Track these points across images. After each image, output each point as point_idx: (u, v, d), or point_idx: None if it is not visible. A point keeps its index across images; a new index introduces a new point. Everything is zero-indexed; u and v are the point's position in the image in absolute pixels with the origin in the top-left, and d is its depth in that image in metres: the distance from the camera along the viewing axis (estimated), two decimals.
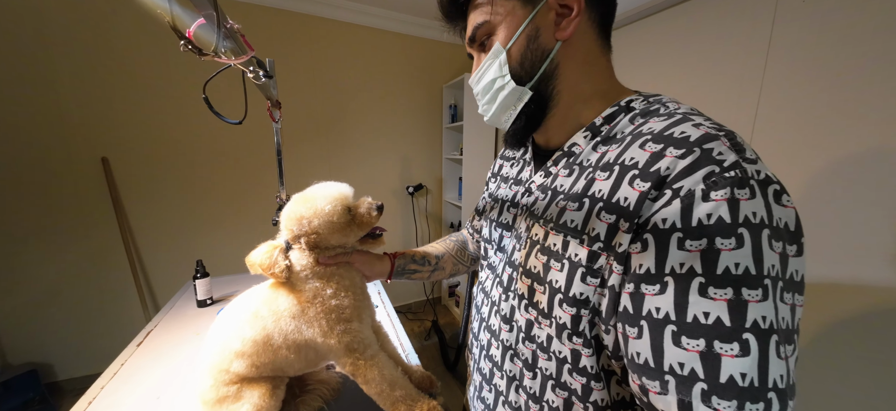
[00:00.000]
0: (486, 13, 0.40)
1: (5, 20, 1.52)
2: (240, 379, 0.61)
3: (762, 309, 0.26)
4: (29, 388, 1.70)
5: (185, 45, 0.41)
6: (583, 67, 0.40)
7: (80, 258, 1.80)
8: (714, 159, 0.28)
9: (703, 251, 0.27)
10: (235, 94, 1.13)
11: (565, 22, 0.38)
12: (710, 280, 0.27)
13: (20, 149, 1.63)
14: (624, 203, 0.32)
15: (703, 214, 0.27)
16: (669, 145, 0.31)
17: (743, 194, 0.26)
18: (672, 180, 0.29)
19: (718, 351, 0.26)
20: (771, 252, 0.26)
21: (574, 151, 0.41)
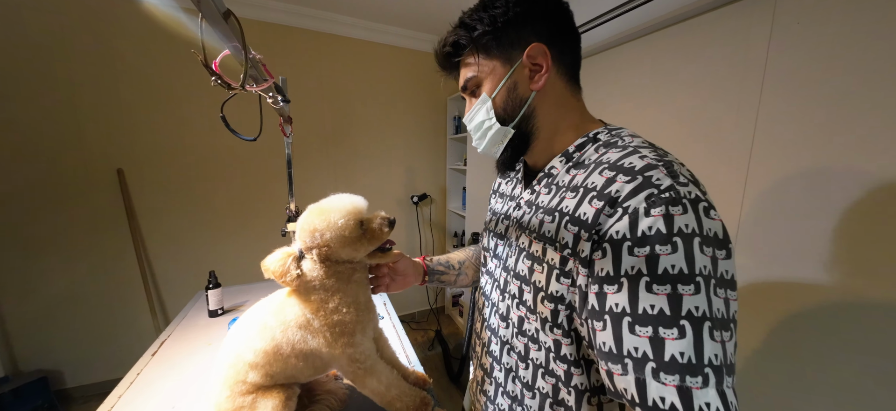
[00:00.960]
0: (474, 69, 0.50)
1: (29, 41, 1.59)
2: (255, 388, 0.64)
3: (695, 301, 0.32)
4: (38, 395, 1.73)
5: (215, 80, 0.44)
6: (556, 108, 0.50)
7: (92, 267, 1.84)
8: (653, 184, 0.35)
9: (647, 256, 0.33)
10: (248, 108, 1.18)
11: (537, 76, 0.47)
12: (654, 279, 0.33)
13: (40, 161, 1.69)
14: (584, 217, 0.40)
15: (645, 227, 0.34)
16: (620, 173, 0.38)
17: (676, 210, 0.33)
18: (621, 201, 0.36)
19: (662, 336, 0.32)
20: (702, 255, 0.32)
21: (552, 173, 0.50)
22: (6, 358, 1.73)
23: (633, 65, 1.48)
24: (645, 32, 1.40)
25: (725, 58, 1.16)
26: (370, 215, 0.64)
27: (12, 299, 1.72)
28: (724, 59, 1.17)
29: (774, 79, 1.04)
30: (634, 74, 1.48)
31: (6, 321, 1.72)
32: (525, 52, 0.46)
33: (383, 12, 2.12)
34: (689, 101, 1.28)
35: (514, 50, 0.47)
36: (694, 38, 1.25)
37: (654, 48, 1.40)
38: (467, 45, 0.50)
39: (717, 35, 1.18)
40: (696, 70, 1.25)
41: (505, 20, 0.46)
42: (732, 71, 1.14)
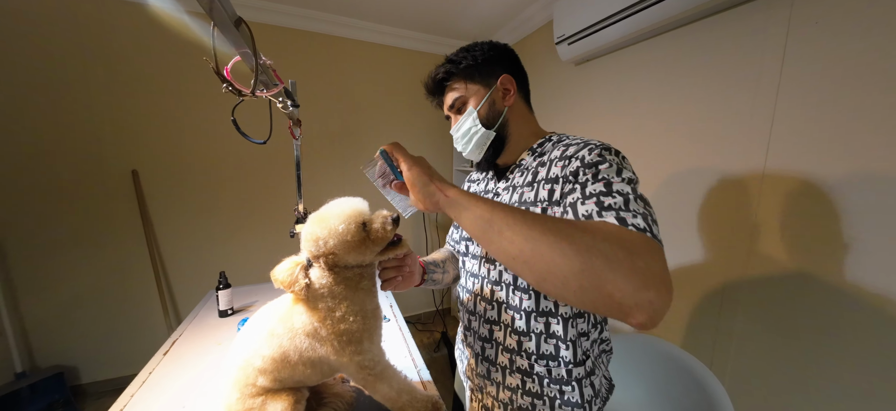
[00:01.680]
0: (461, 92, 0.68)
1: (49, 45, 1.64)
2: (264, 390, 0.64)
3: (623, 186, 0.48)
4: (55, 391, 1.77)
5: (227, 87, 0.45)
6: (520, 120, 0.70)
7: (107, 266, 1.88)
8: (592, 143, 0.56)
9: (593, 171, 0.51)
10: (259, 111, 1.20)
11: (508, 97, 0.68)
12: (595, 178, 0.50)
13: (58, 164, 1.73)
14: (552, 175, 0.58)
15: (590, 159, 0.53)
16: (571, 145, 0.59)
17: (607, 152, 0.53)
18: (573, 155, 0.56)
19: (603, 201, 0.47)
20: (626, 172, 0.51)
21: (521, 164, 0.69)
22: (24, 354, 1.78)
23: (643, 67, 1.46)
24: (655, 33, 1.38)
25: (739, 59, 1.13)
26: (372, 216, 0.62)
27: (31, 297, 1.77)
28: (737, 60, 1.14)
29: (791, 81, 1.01)
30: (644, 77, 1.46)
31: (25, 318, 1.77)
32: (499, 79, 0.67)
33: (391, 15, 2.13)
34: (700, 104, 1.25)
35: (491, 78, 0.67)
36: (706, 39, 1.23)
37: (664, 50, 1.37)
38: (456, 73, 0.68)
39: (730, 36, 1.16)
40: (708, 72, 1.22)
41: (483, 58, 0.67)
42: (747, 73, 1.11)
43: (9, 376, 1.71)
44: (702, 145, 1.25)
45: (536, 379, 0.62)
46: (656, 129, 1.42)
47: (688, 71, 1.29)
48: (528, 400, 0.64)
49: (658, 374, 0.94)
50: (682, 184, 1.33)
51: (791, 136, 1.02)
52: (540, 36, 2.08)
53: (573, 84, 1.86)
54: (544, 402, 0.62)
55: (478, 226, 0.46)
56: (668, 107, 1.37)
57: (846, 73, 0.91)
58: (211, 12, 0.37)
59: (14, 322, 1.72)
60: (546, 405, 0.62)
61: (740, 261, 1.15)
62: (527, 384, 0.64)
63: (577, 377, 0.60)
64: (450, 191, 0.51)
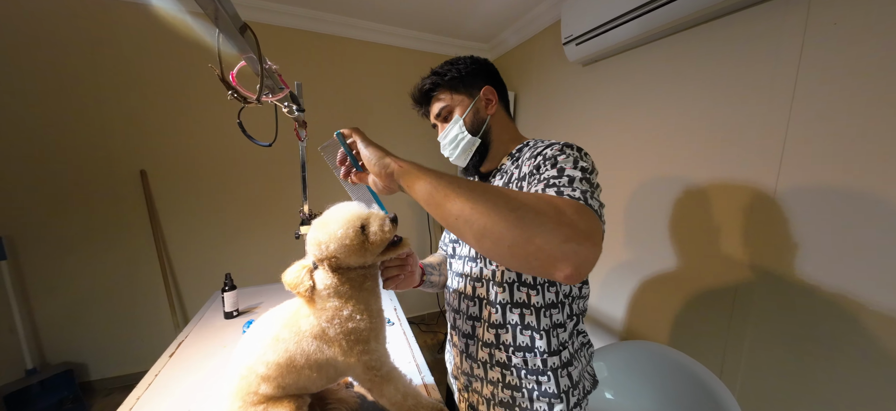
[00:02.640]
0: (447, 102, 0.74)
1: (60, 50, 1.66)
2: (266, 398, 0.64)
3: (574, 173, 0.53)
4: (64, 387, 1.80)
5: (232, 94, 0.44)
6: (502, 127, 0.75)
7: (116, 265, 1.91)
8: (555, 142, 0.62)
9: (552, 162, 0.57)
10: (265, 112, 1.19)
11: (489, 106, 0.73)
12: (551, 168, 0.56)
13: (69, 164, 1.76)
14: (523, 173, 0.63)
15: (550, 153, 0.58)
16: (541, 144, 0.65)
17: (567, 148, 0.58)
18: (540, 151, 0.61)
19: (554, 184, 0.52)
20: (582, 163, 0.55)
21: (502, 168, 0.73)
22: (35, 352, 1.80)
23: (653, 68, 1.44)
24: (666, 34, 1.36)
25: (753, 61, 1.11)
26: (371, 219, 0.63)
27: (41, 295, 1.80)
28: (751, 62, 1.11)
29: (808, 84, 0.98)
30: (653, 78, 1.43)
31: (35, 315, 1.80)
32: (481, 90, 0.73)
33: (397, 16, 2.12)
34: (712, 106, 1.23)
35: (474, 89, 0.73)
36: (719, 40, 1.20)
37: (674, 51, 1.35)
38: (442, 84, 0.73)
39: (744, 37, 1.13)
40: (721, 74, 1.20)
41: (466, 71, 0.73)
42: (761, 75, 1.09)
43: (20, 372, 1.74)
44: (713, 149, 1.23)
45: (514, 371, 0.67)
46: (666, 132, 1.40)
47: (699, 73, 1.27)
48: (508, 393, 0.68)
49: (666, 383, 0.92)
50: (692, 187, 1.30)
51: (808, 140, 0.99)
52: (547, 36, 2.05)
53: (580, 85, 1.84)
54: (523, 394, 0.66)
55: (426, 192, 0.49)
56: (678, 110, 1.35)
57: (867, 76, 0.88)
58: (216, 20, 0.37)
59: (25, 319, 1.75)
60: (525, 397, 0.66)
61: (752, 266, 1.12)
62: (506, 377, 0.68)
63: (552, 366, 0.64)
64: (404, 163, 0.53)
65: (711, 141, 1.23)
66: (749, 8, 1.12)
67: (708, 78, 1.24)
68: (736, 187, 1.16)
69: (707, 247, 1.26)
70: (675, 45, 1.35)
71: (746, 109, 1.13)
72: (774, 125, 1.05)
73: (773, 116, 1.06)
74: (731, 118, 1.17)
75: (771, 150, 1.06)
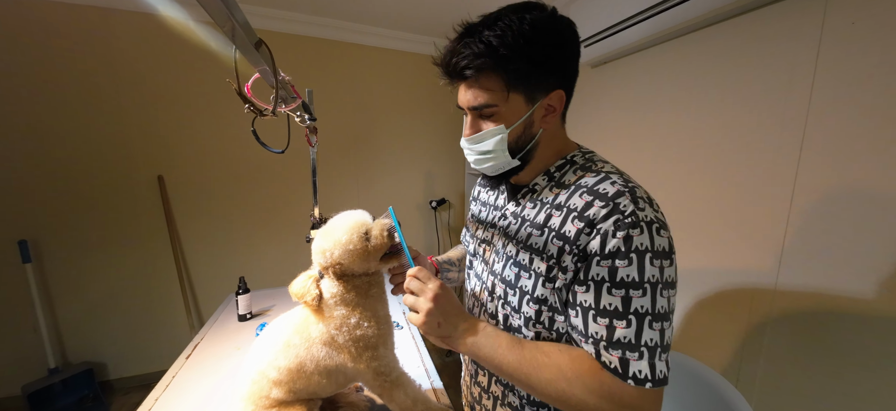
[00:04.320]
0: (495, 98, 0.49)
1: (82, 58, 1.72)
2: (278, 403, 0.65)
3: (641, 302, 0.43)
4: (85, 386, 1.86)
5: (248, 107, 0.46)
6: (551, 141, 0.56)
7: (134, 267, 1.96)
8: (620, 210, 0.44)
9: (609, 268, 0.44)
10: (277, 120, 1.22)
11: (549, 117, 0.53)
12: (613, 285, 0.44)
13: (90, 170, 1.82)
14: (568, 234, 0.48)
15: (611, 246, 0.44)
16: (596, 198, 0.47)
17: (635, 232, 0.43)
18: (596, 223, 0.45)
19: (615, 325, 0.44)
20: (651, 267, 0.43)
21: (536, 189, 0.58)
22: (57, 351, 1.87)
23: (664, 69, 1.42)
24: (677, 35, 1.34)
25: (769, 62, 1.08)
26: (372, 225, 0.64)
27: (64, 296, 1.86)
28: (767, 63, 1.09)
29: (826, 85, 0.96)
30: (665, 80, 1.41)
31: (58, 316, 1.87)
32: (548, 95, 0.50)
33: (404, 21, 2.14)
34: (727, 109, 1.20)
35: (539, 90, 0.50)
36: (733, 41, 1.18)
37: (686, 52, 1.33)
38: (494, 71, 0.47)
39: (758, 38, 1.11)
40: (735, 75, 1.17)
41: (541, 61, 0.47)
42: (777, 76, 1.06)
43: (42, 371, 1.80)
44: (727, 152, 1.20)
45: None
46: (678, 135, 1.38)
47: (712, 75, 1.24)
48: None
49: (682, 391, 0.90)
50: (706, 192, 1.28)
51: (826, 144, 0.96)
52: None
53: (590, 87, 1.83)
54: None
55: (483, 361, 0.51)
56: (690, 112, 1.32)
57: (887, 75, 0.85)
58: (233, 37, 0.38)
59: (48, 320, 1.82)
60: None
61: (768, 273, 1.09)
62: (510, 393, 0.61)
63: None
64: (458, 343, 0.52)
65: (726, 144, 1.21)
66: (763, 7, 1.09)
67: (721, 79, 1.22)
68: (751, 192, 1.14)
69: (721, 252, 1.23)
70: (686, 46, 1.33)
71: (762, 112, 1.10)
72: (791, 128, 1.03)
73: (790, 118, 1.03)
74: (746, 121, 1.15)
75: (788, 154, 1.04)
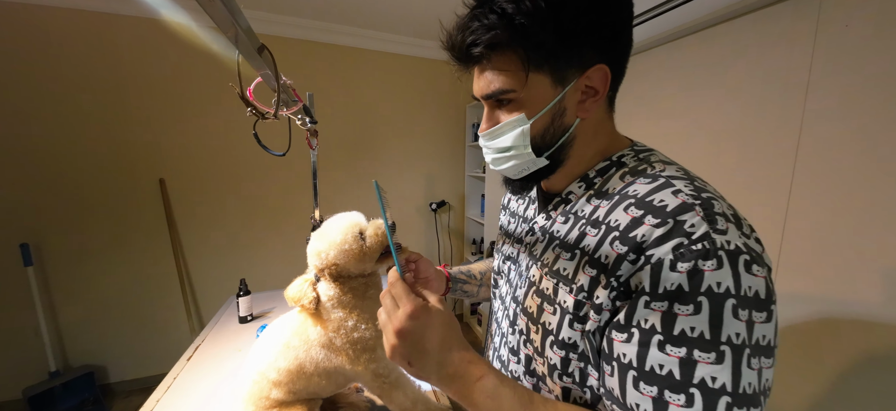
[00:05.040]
0: (513, 82, 0.38)
1: (85, 63, 1.74)
2: (278, 403, 0.66)
3: (713, 371, 0.28)
4: (85, 389, 1.86)
5: (251, 111, 0.47)
6: (592, 135, 0.43)
7: (135, 270, 1.97)
8: (684, 231, 0.30)
9: (663, 312, 0.30)
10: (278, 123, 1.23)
11: (589, 102, 0.39)
12: (668, 338, 0.29)
13: (92, 173, 1.83)
14: (604, 260, 0.35)
15: (667, 282, 0.30)
16: (648, 213, 0.33)
17: (708, 265, 0.29)
18: (647, 247, 0.32)
19: (668, 400, 0.29)
20: (734, 320, 0.28)
21: (570, 199, 0.44)
22: (58, 354, 1.87)
23: (664, 70, 1.43)
24: (677, 37, 1.35)
25: (764, 63, 1.10)
26: (367, 225, 0.64)
27: (65, 299, 1.87)
28: (762, 64, 1.10)
29: (821, 85, 0.97)
30: (664, 80, 1.42)
31: (59, 319, 1.87)
32: (584, 73, 0.37)
33: (404, 25, 2.16)
34: (724, 109, 1.21)
35: (571, 68, 0.37)
36: (731, 42, 1.19)
37: (685, 53, 1.34)
38: (509, 47, 0.36)
39: (754, 40, 1.12)
40: (733, 76, 1.19)
41: (572, 29, 0.34)
42: (773, 76, 1.08)
43: (43, 375, 1.80)
44: (726, 153, 1.21)
45: None
46: (677, 135, 1.39)
47: (711, 75, 1.26)
48: None
49: None
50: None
51: (821, 142, 0.97)
52: None
53: None
54: None
55: None
56: (689, 112, 1.34)
57: (879, 77, 0.86)
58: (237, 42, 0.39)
59: (49, 323, 1.82)
60: None
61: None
62: None
63: None
64: (443, 387, 0.38)
65: (722, 145, 1.22)
66: (759, 10, 1.11)
67: (716, 82, 1.23)
68: (748, 195, 1.15)
69: None
70: (682, 49, 1.34)
71: (757, 114, 1.12)
72: (786, 130, 1.04)
73: (786, 120, 1.04)
74: (741, 124, 1.16)
75: (783, 156, 1.05)
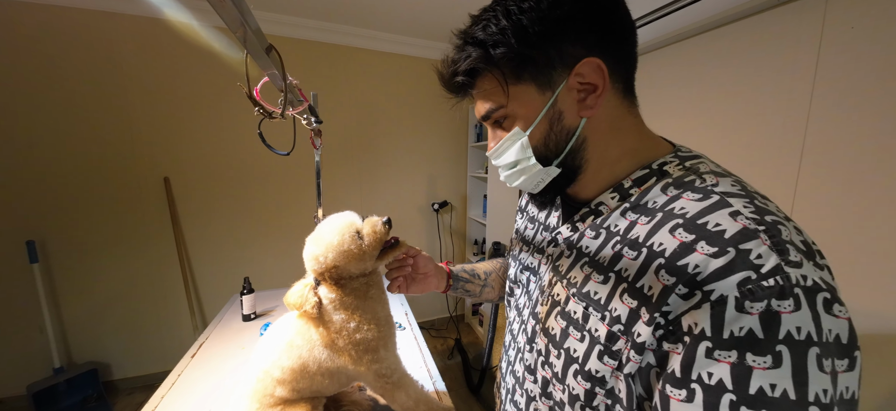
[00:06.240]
0: (499, 99, 0.38)
1: (90, 62, 1.75)
2: (282, 401, 0.66)
3: None
4: (89, 386, 1.87)
5: (258, 110, 0.47)
6: (610, 133, 0.39)
7: (139, 268, 1.98)
8: (751, 263, 0.25)
9: (733, 364, 0.24)
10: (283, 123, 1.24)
11: (591, 99, 0.36)
12: (742, 399, 0.24)
13: (97, 171, 1.84)
14: (647, 292, 0.30)
15: (736, 327, 0.24)
16: (701, 239, 0.28)
17: (784, 307, 0.24)
18: (703, 281, 0.26)
19: None
20: (820, 373, 0.23)
21: (600, 211, 0.40)
22: (62, 351, 1.88)
23: (666, 72, 1.43)
24: (680, 38, 1.35)
25: (770, 65, 1.10)
26: (364, 223, 0.63)
27: (70, 296, 1.88)
28: (768, 66, 1.10)
29: (826, 87, 0.97)
30: (667, 82, 1.42)
31: (63, 316, 1.89)
32: (573, 70, 0.35)
33: (407, 25, 2.16)
34: (729, 111, 1.21)
35: (556, 69, 0.35)
36: (735, 44, 1.19)
37: (689, 55, 1.34)
38: (485, 70, 0.37)
39: (760, 41, 1.12)
40: (737, 78, 1.19)
41: (539, 31, 0.33)
42: (778, 78, 1.07)
43: (47, 371, 1.82)
44: (728, 156, 1.21)
45: None
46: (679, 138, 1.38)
47: (715, 77, 1.26)
48: None
49: None
50: None
51: (826, 144, 0.97)
52: None
53: None
54: None
55: None
56: (693, 114, 1.33)
57: (885, 77, 0.86)
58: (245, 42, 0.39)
59: (54, 320, 1.83)
60: None
61: None
62: None
63: None
64: None
65: (727, 147, 1.22)
66: (764, 12, 1.11)
67: (723, 83, 1.23)
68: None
69: None
70: (687, 50, 1.34)
71: (763, 115, 1.11)
72: (792, 130, 1.04)
73: (791, 121, 1.04)
74: (748, 124, 1.16)
75: (789, 156, 1.05)
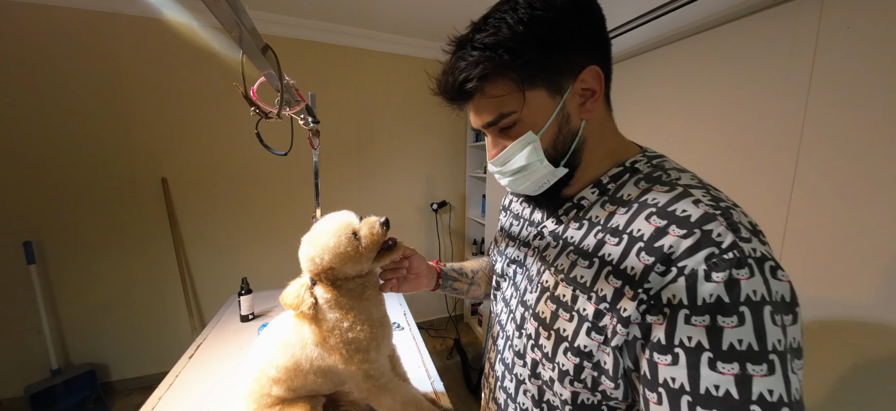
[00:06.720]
0: (513, 103, 0.39)
1: (87, 62, 1.75)
2: (280, 400, 0.66)
3: (768, 384, 0.28)
4: (87, 387, 1.86)
5: (255, 111, 0.47)
6: (598, 134, 0.44)
7: (137, 269, 1.98)
8: (713, 240, 0.31)
9: (707, 327, 0.29)
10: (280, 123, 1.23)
11: (590, 103, 0.41)
12: (718, 354, 0.29)
13: (95, 172, 1.84)
14: (630, 272, 0.35)
15: (706, 294, 0.30)
16: (672, 223, 0.34)
17: (742, 274, 0.29)
18: (676, 258, 0.32)
19: None
20: (774, 327, 0.28)
21: (582, 204, 0.45)
22: (60, 352, 1.88)
23: (664, 72, 1.43)
24: (678, 38, 1.35)
25: (766, 65, 1.10)
26: (361, 224, 0.63)
27: (67, 298, 1.88)
28: (764, 66, 1.10)
29: (822, 88, 0.97)
30: (665, 82, 1.43)
31: (61, 318, 1.88)
32: (578, 76, 0.39)
33: (405, 26, 2.17)
34: (726, 111, 1.21)
35: (563, 75, 0.39)
36: (732, 43, 1.20)
37: (686, 55, 1.34)
38: (500, 74, 0.38)
39: (757, 41, 1.12)
40: (734, 78, 1.19)
41: (553, 39, 0.37)
42: (775, 79, 1.08)
43: (45, 373, 1.81)
44: (725, 157, 1.22)
45: None
46: (677, 138, 1.39)
47: (712, 77, 1.26)
48: None
49: None
50: None
51: (822, 145, 0.97)
52: None
53: None
54: None
55: None
56: (690, 115, 1.34)
57: (881, 77, 0.86)
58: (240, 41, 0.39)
59: (51, 321, 1.83)
60: None
61: None
62: None
63: None
64: None
65: (723, 148, 1.22)
66: (760, 12, 1.11)
67: (718, 83, 1.23)
68: (749, 195, 1.15)
69: None
70: (682, 50, 1.35)
71: (759, 116, 1.12)
72: (788, 130, 1.04)
73: (787, 121, 1.04)
74: (743, 125, 1.16)
75: (785, 156, 1.05)
